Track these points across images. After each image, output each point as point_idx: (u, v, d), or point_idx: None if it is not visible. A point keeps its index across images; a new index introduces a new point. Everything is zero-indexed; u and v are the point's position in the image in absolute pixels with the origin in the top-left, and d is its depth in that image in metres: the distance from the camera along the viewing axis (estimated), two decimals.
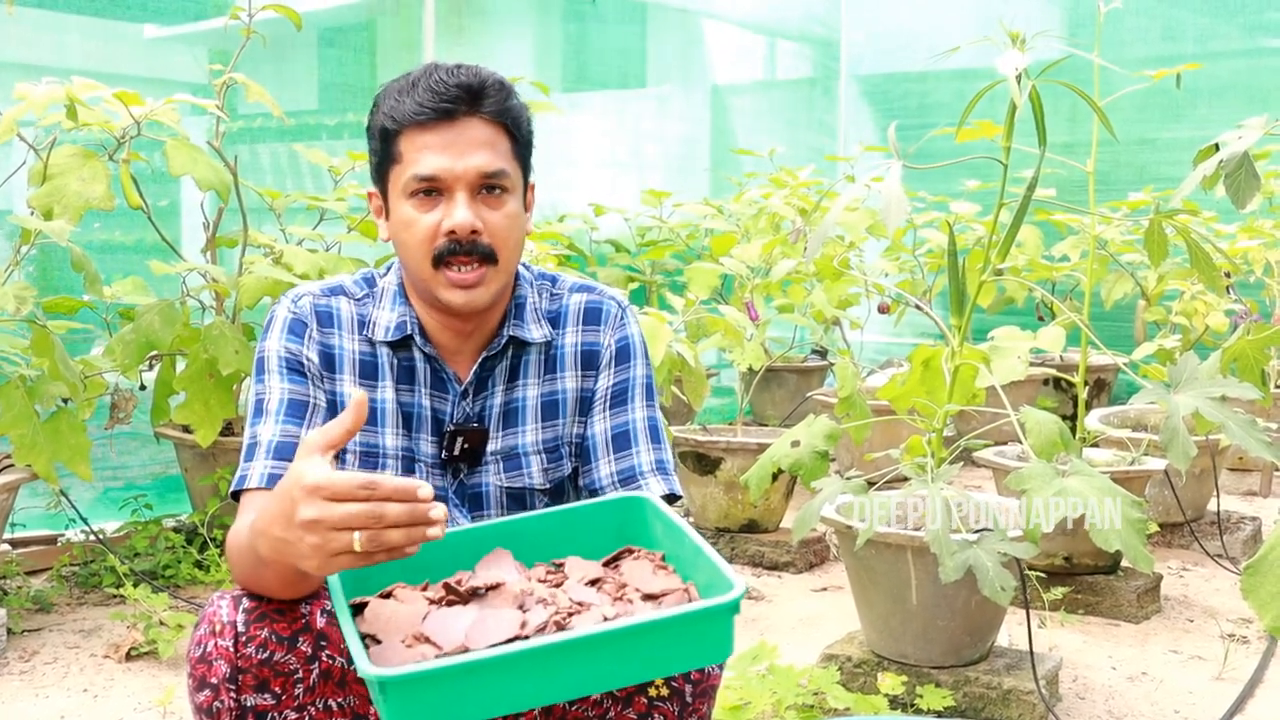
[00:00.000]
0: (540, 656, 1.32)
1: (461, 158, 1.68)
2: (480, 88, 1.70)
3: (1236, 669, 3.11)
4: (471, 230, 1.69)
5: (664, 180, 6.28)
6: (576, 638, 1.33)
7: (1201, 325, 5.00)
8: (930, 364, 2.89)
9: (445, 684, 1.30)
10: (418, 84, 1.70)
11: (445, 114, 1.68)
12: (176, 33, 4.62)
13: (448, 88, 1.68)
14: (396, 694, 1.28)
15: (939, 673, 2.79)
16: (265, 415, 1.74)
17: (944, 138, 3.17)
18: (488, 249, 1.71)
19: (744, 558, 4.07)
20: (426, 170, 1.68)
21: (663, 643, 1.36)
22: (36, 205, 3.28)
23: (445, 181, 1.69)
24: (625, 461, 1.82)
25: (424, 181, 1.69)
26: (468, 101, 1.69)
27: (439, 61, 1.72)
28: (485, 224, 1.70)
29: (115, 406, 3.68)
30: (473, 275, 1.71)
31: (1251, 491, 5.18)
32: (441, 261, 1.70)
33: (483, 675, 1.31)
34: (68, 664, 3.05)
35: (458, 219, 1.68)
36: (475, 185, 1.70)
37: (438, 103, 1.68)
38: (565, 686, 1.34)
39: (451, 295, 1.72)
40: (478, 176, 1.69)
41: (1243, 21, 6.65)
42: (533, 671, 1.32)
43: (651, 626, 1.35)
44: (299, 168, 4.96)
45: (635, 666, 1.37)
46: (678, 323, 4.01)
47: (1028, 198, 2.66)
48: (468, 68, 1.71)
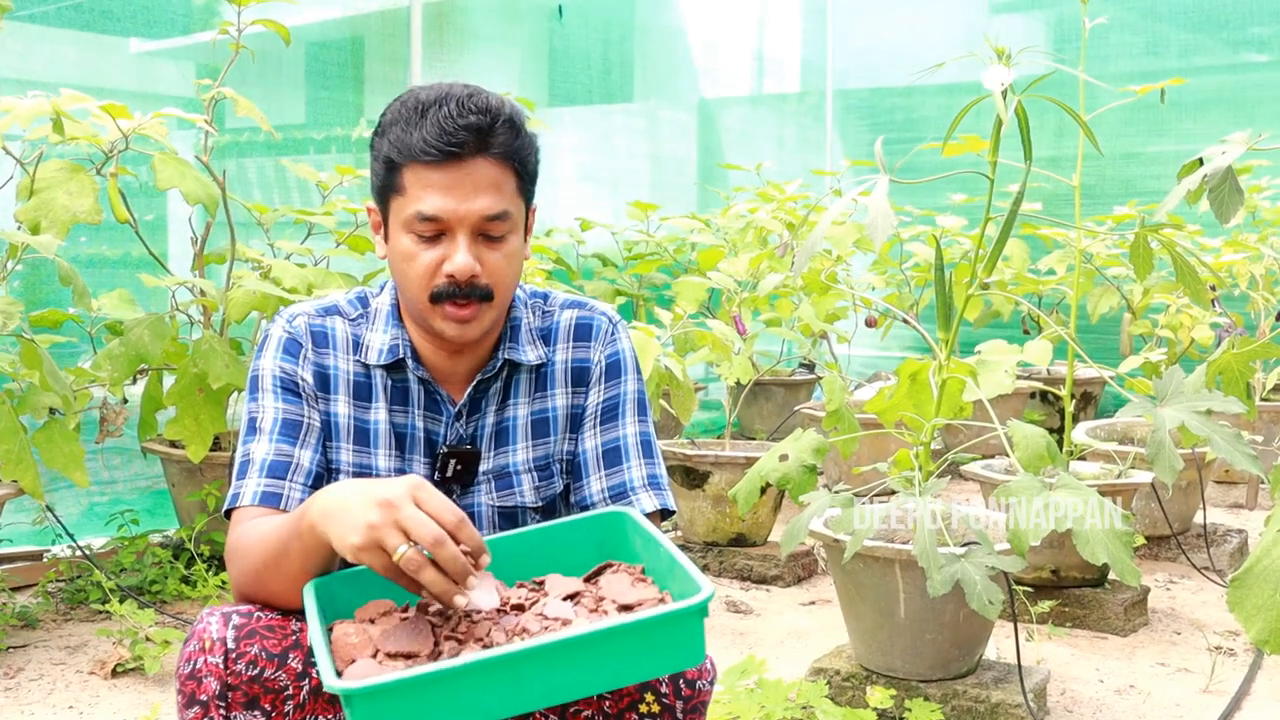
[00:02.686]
0: (506, 664, 1.32)
1: (465, 201, 1.66)
2: (490, 128, 1.66)
3: (1224, 681, 3.12)
4: (471, 274, 1.69)
5: (651, 194, 6.29)
6: (542, 644, 1.33)
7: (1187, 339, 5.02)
8: (917, 378, 2.90)
9: (411, 695, 1.30)
10: (427, 115, 1.65)
11: (452, 155, 1.65)
12: (163, 47, 4.62)
13: (456, 128, 1.64)
14: (362, 706, 1.29)
15: (927, 686, 2.80)
16: (259, 434, 1.74)
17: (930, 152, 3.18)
18: (485, 290, 1.70)
19: (732, 571, 4.07)
20: (430, 210, 1.66)
21: (631, 648, 1.37)
22: (23, 219, 3.28)
23: (448, 223, 1.67)
24: (616, 477, 1.82)
25: (426, 222, 1.67)
26: (475, 144, 1.66)
27: (451, 89, 1.68)
28: (484, 264, 1.69)
29: (105, 420, 3.67)
30: (467, 311, 1.70)
31: (1238, 504, 5.20)
32: (438, 300, 1.70)
33: (449, 685, 1.31)
34: (53, 680, 3.04)
35: (458, 264, 1.67)
36: (477, 228, 1.68)
37: (445, 143, 1.64)
38: (535, 695, 1.34)
39: (445, 327, 1.72)
40: (480, 220, 1.68)
41: (1226, 37, 6.69)
42: (500, 680, 1.32)
43: (617, 631, 1.36)
44: (287, 182, 4.96)
45: (604, 673, 1.37)
46: (665, 337, 4.02)
47: (1014, 212, 2.68)
48: (479, 99, 1.67)
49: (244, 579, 1.64)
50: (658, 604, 1.45)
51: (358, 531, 1.41)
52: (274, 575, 1.59)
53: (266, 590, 1.62)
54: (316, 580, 1.53)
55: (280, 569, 1.58)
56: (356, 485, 1.47)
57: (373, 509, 1.41)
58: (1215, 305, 4.75)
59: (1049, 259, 5.46)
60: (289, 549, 1.55)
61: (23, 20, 4.11)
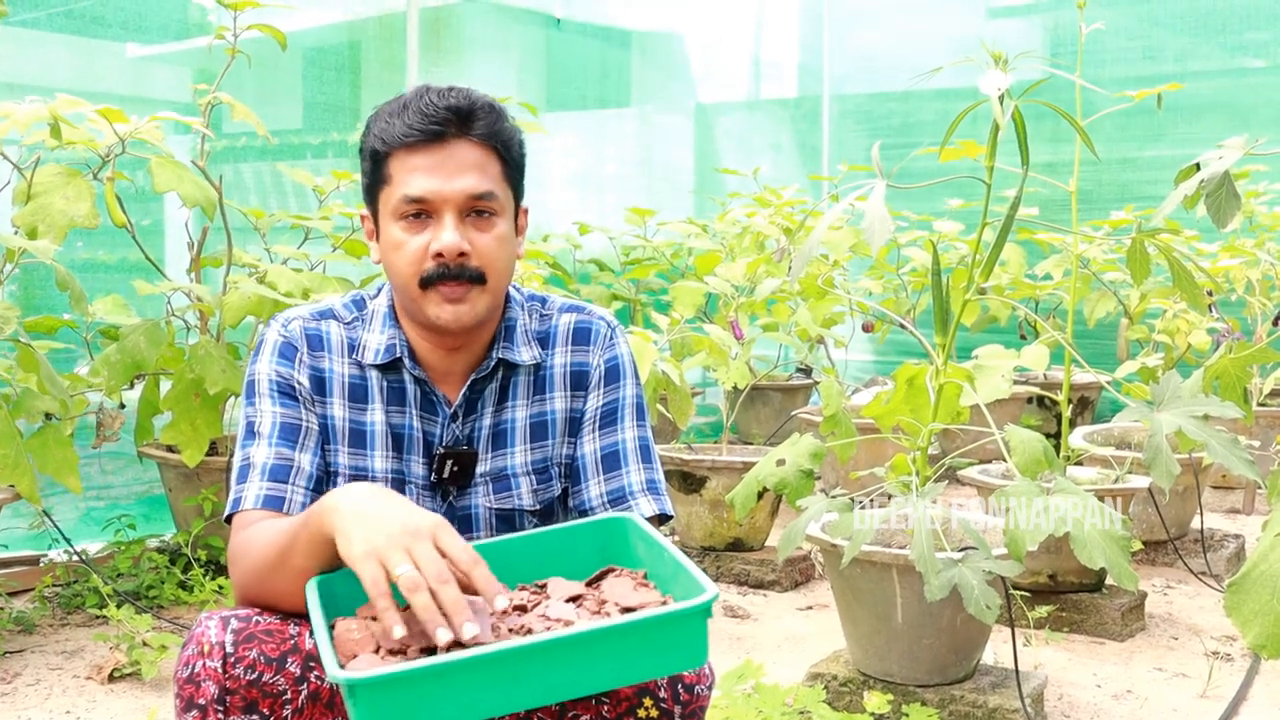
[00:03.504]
0: (511, 659, 1.32)
1: (450, 180, 1.69)
2: (470, 110, 1.70)
3: (1221, 686, 3.12)
4: (459, 253, 1.69)
5: (648, 199, 6.29)
6: (548, 640, 1.34)
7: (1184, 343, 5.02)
8: (915, 382, 2.90)
9: (415, 687, 1.30)
10: (408, 106, 1.70)
11: (434, 136, 1.69)
12: (159, 52, 4.62)
13: (437, 110, 1.69)
14: (366, 697, 1.29)
15: (924, 691, 2.79)
16: (258, 438, 1.74)
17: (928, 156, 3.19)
18: (476, 272, 1.71)
19: (729, 576, 4.07)
20: (415, 191, 1.69)
21: (635, 647, 1.37)
22: (21, 224, 3.28)
23: (433, 203, 1.69)
24: (615, 482, 1.82)
25: (412, 203, 1.69)
26: (457, 124, 1.70)
27: (431, 84, 1.73)
28: (473, 246, 1.71)
29: (101, 424, 3.66)
30: (458, 291, 1.71)
31: (1235, 509, 5.20)
32: (430, 284, 1.71)
33: (453, 678, 1.31)
34: (50, 685, 3.03)
35: (445, 241, 1.69)
36: (464, 207, 1.70)
37: (427, 125, 1.68)
38: (537, 691, 1.34)
39: (439, 310, 1.72)
40: (466, 198, 1.70)
41: (1223, 41, 6.70)
42: (504, 675, 1.32)
43: (622, 630, 1.36)
44: (283, 187, 4.96)
45: (607, 671, 1.37)
46: (663, 342, 4.02)
47: (1011, 217, 2.68)
48: (459, 90, 1.72)
49: (247, 579, 1.64)
50: (660, 607, 1.46)
51: (366, 540, 1.40)
52: (278, 573, 1.59)
53: (270, 589, 1.62)
54: (320, 577, 1.53)
55: (285, 565, 1.58)
56: (387, 500, 1.46)
57: (394, 527, 1.40)
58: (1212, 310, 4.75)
59: (1046, 264, 5.45)
60: (296, 542, 1.55)
61: (16, 26, 4.11)
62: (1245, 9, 6.57)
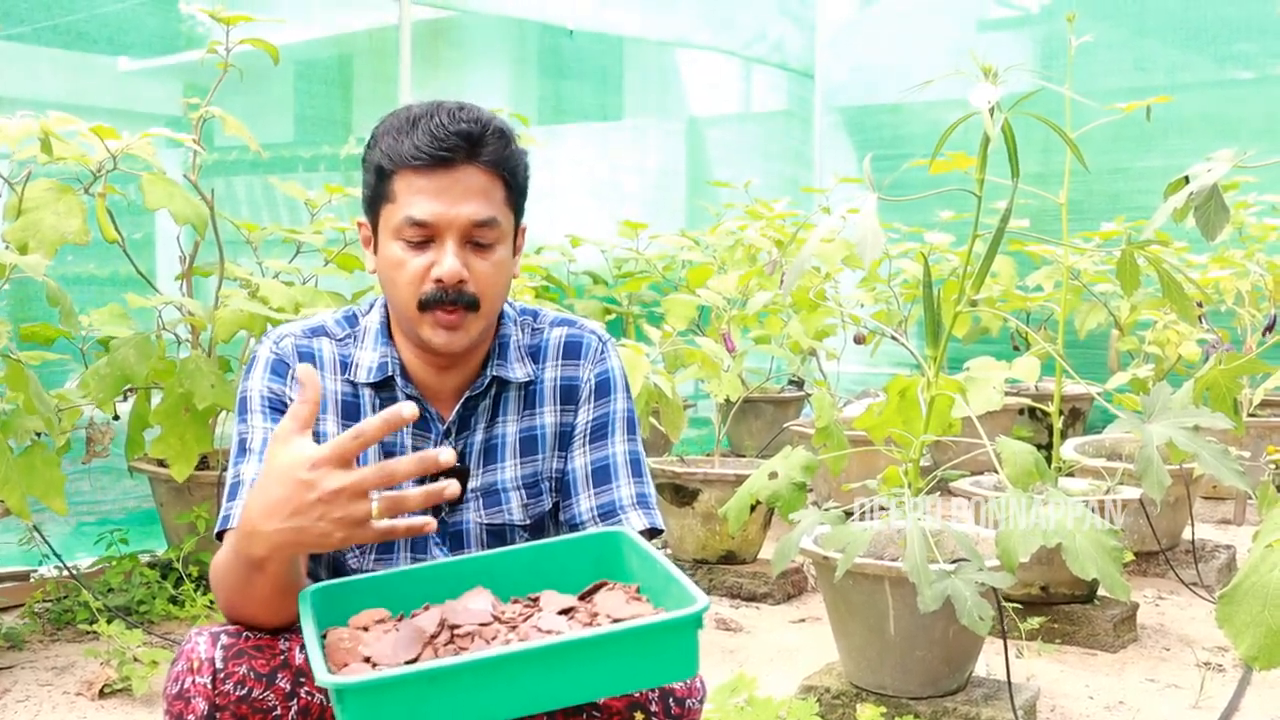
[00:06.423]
0: (501, 665, 1.32)
1: (454, 206, 1.68)
2: (480, 136, 1.69)
3: (1213, 697, 3.12)
4: (459, 280, 1.69)
5: (641, 212, 6.30)
6: (538, 647, 1.34)
7: (1174, 354, 5.03)
8: (906, 394, 2.90)
9: (404, 692, 1.30)
10: (418, 125, 1.68)
11: (442, 161, 1.67)
12: (150, 66, 4.62)
13: (447, 134, 1.67)
14: (355, 702, 1.29)
15: (917, 703, 2.79)
16: (249, 454, 1.73)
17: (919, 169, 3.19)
18: (472, 298, 1.71)
19: (722, 589, 4.06)
20: (419, 215, 1.68)
21: (625, 655, 1.37)
22: (11, 240, 3.27)
23: (437, 228, 1.68)
24: (605, 496, 1.82)
25: (415, 226, 1.68)
26: (466, 150, 1.68)
27: (443, 102, 1.71)
28: (472, 272, 1.70)
29: (91, 440, 3.65)
30: (454, 318, 1.71)
31: (1226, 520, 5.21)
32: (427, 308, 1.70)
33: (442, 684, 1.32)
34: (40, 701, 3.02)
35: (446, 268, 1.68)
36: (466, 234, 1.69)
37: (436, 149, 1.66)
38: (527, 698, 1.35)
39: (433, 335, 1.72)
40: (469, 225, 1.69)
41: (1213, 53, 6.72)
42: (493, 682, 1.32)
43: (613, 638, 1.36)
44: (275, 200, 4.95)
45: (597, 679, 1.37)
46: (655, 354, 4.02)
47: (1002, 229, 2.68)
48: (470, 111, 1.70)
49: (225, 603, 1.63)
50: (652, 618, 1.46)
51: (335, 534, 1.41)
52: (254, 595, 1.58)
53: (246, 614, 1.62)
54: (314, 586, 1.53)
55: (256, 592, 1.57)
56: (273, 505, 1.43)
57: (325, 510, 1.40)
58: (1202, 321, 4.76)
59: (1037, 275, 5.46)
60: (258, 579, 1.54)
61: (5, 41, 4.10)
62: (1234, 22, 6.60)
